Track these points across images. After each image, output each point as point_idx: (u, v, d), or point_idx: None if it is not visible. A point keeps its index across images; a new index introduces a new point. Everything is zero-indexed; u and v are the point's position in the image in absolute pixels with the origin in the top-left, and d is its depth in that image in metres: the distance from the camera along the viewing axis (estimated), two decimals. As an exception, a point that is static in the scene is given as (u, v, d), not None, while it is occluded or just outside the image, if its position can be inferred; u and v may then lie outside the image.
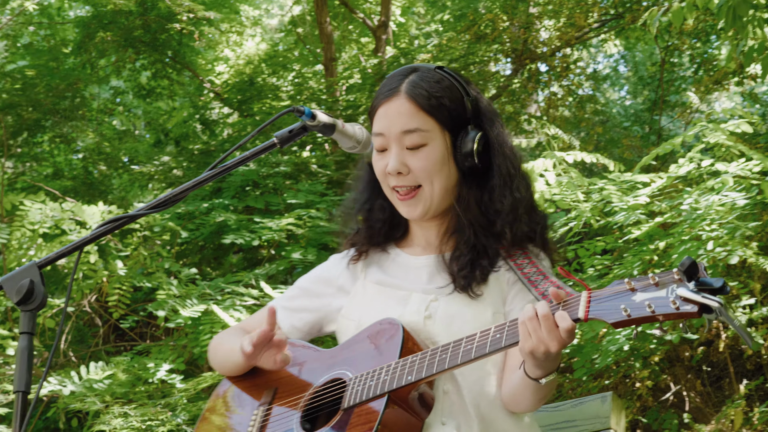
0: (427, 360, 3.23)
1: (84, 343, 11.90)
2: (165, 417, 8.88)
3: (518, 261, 3.48)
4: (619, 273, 7.49)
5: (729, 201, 7.11)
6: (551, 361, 3.08)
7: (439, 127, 3.50)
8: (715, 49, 15.46)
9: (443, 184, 3.51)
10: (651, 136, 15.78)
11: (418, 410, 3.31)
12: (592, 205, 7.53)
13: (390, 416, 3.23)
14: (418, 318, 3.47)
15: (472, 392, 3.40)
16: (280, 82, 15.33)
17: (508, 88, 15.79)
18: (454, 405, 3.40)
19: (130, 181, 15.68)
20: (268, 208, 11.22)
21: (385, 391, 3.25)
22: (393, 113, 3.51)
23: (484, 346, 3.12)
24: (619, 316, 2.78)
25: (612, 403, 4.07)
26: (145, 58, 15.48)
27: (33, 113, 14.44)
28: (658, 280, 2.73)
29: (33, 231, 9.64)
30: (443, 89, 3.54)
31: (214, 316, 8.69)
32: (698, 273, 2.64)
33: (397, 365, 3.28)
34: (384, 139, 3.52)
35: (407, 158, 3.49)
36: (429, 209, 3.53)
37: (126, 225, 3.10)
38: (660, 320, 2.73)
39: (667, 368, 8.81)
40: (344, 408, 3.35)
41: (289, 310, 3.85)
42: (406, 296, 3.56)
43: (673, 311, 2.67)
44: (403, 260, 3.67)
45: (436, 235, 3.63)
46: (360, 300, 3.68)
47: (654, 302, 2.71)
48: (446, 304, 3.47)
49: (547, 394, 3.29)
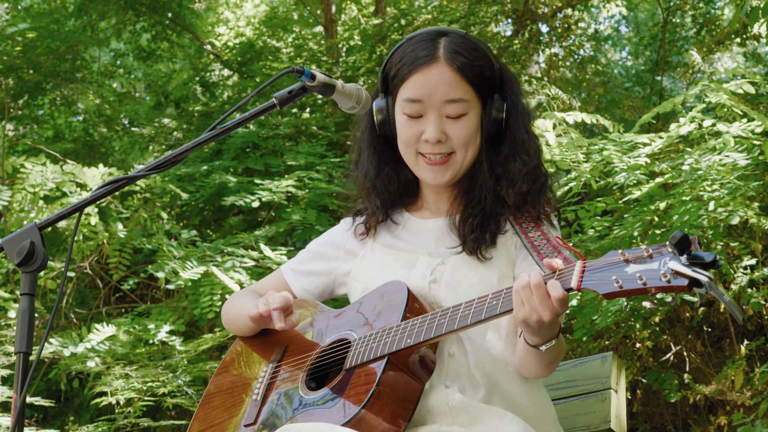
0: (427, 324, 3.25)
1: (85, 305, 11.93)
2: (166, 378, 8.91)
3: (523, 225, 3.50)
4: (619, 234, 7.49)
5: (730, 161, 7.10)
6: (547, 329, 3.09)
7: (477, 96, 3.53)
8: (718, 9, 15.39)
9: (474, 151, 3.55)
10: (653, 97, 15.73)
11: (419, 373, 3.32)
12: (592, 165, 7.51)
13: (389, 378, 3.24)
14: (423, 282, 3.50)
15: (478, 355, 3.42)
16: (279, 44, 15.29)
17: (509, 49, 15.74)
18: (459, 368, 3.42)
19: (130, 143, 15.67)
20: (268, 169, 11.21)
21: (385, 353, 3.27)
22: (435, 80, 3.51)
23: (480, 312, 3.13)
24: (611, 288, 2.79)
25: (612, 363, 4.08)
26: (145, 20, 15.42)
27: (34, 76, 14.40)
28: (651, 252, 2.73)
29: (34, 193, 9.64)
30: (481, 58, 3.57)
31: (215, 278, 8.70)
32: (690, 246, 2.64)
33: (398, 328, 3.30)
34: (421, 106, 3.52)
35: (447, 126, 3.50)
36: (456, 175, 3.56)
37: (126, 186, 3.10)
38: (651, 293, 2.73)
39: (668, 329, 8.83)
40: (346, 368, 3.38)
41: (300, 273, 3.91)
42: (413, 259, 3.59)
43: (663, 284, 2.67)
44: (413, 224, 3.70)
45: (447, 199, 3.65)
46: (368, 262, 3.72)
47: (645, 274, 2.71)
48: (453, 268, 3.48)
49: (556, 359, 3.31)
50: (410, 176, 3.73)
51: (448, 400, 3.33)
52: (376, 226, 3.76)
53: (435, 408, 3.35)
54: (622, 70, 21.19)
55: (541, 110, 8.24)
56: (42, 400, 9.30)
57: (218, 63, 16.25)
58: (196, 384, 9.37)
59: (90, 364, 8.95)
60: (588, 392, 4.08)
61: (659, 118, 11.89)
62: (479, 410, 3.34)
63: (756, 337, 8.55)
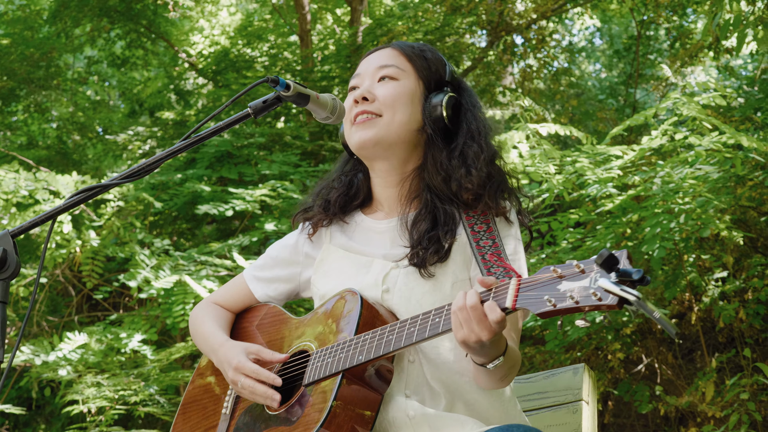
0: (377, 340, 3.24)
1: (57, 313, 11.89)
2: (138, 387, 8.89)
3: (475, 228, 3.47)
4: (592, 245, 7.52)
5: (701, 174, 7.14)
6: (490, 348, 3.04)
7: (415, 73, 3.62)
8: (691, 23, 15.48)
9: (403, 119, 3.54)
10: (626, 109, 15.80)
11: (376, 385, 3.32)
12: (564, 177, 7.53)
13: (345, 394, 3.24)
14: (376, 292, 3.48)
15: (433, 365, 3.39)
16: (255, 53, 15.29)
17: (484, 60, 15.78)
18: (419, 376, 3.40)
19: (104, 151, 15.63)
20: (242, 178, 11.20)
21: (339, 370, 3.26)
22: (374, 56, 3.68)
23: (424, 331, 3.11)
24: (544, 307, 2.75)
25: (584, 375, 4.08)
26: (120, 27, 15.40)
27: (7, 82, 14.37)
28: (583, 267, 2.71)
29: (6, 200, 9.61)
30: (427, 48, 3.71)
31: (187, 287, 8.69)
32: (618, 263, 2.62)
33: (351, 342, 3.29)
34: (359, 78, 3.65)
35: (375, 87, 3.58)
36: (381, 139, 3.54)
37: (99, 195, 3.09)
38: (584, 311, 2.72)
39: (639, 340, 8.86)
40: (305, 384, 3.37)
41: (263, 280, 3.87)
42: (368, 262, 3.57)
43: (595, 302, 2.64)
44: (367, 225, 3.69)
45: (397, 198, 3.63)
46: (326, 268, 3.70)
47: (577, 293, 2.68)
48: (405, 275, 3.46)
49: (509, 372, 3.26)
50: (363, 179, 3.76)
51: (407, 411, 3.33)
52: (327, 223, 3.76)
53: (396, 419, 3.33)
54: (596, 82, 21.27)
55: (515, 122, 8.25)
56: (13, 407, 9.27)
57: (193, 71, 16.24)
58: (168, 393, 9.35)
59: (61, 372, 8.93)
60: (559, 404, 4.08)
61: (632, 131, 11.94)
62: (440, 419, 3.32)
63: (727, 350, 8.59)
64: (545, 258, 8.53)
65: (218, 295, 3.99)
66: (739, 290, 8.09)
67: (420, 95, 3.59)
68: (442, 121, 3.54)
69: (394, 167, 3.61)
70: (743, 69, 13.88)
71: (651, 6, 14.72)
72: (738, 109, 10.29)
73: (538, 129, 8.16)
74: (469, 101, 3.65)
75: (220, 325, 3.81)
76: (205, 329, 3.79)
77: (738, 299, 8.08)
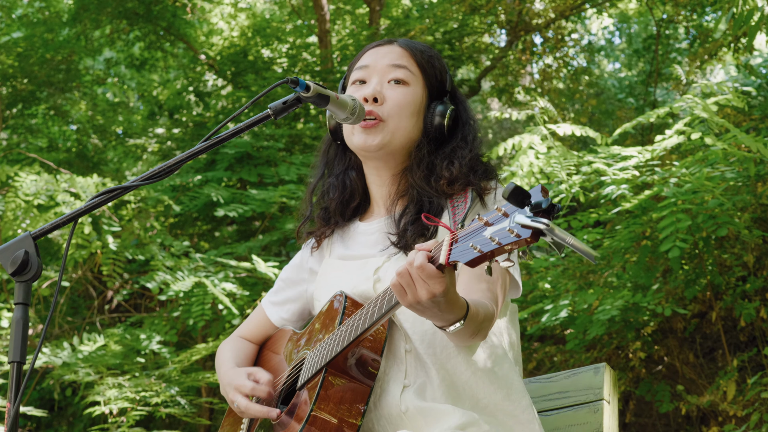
0: (349, 328, 3.25)
1: (78, 315, 11.93)
2: (159, 388, 8.91)
3: (455, 205, 3.49)
4: (611, 245, 7.51)
5: (717, 174, 7.13)
6: (445, 311, 3.00)
7: (423, 80, 3.62)
8: (708, 21, 15.42)
9: (407, 128, 3.56)
10: (645, 108, 15.75)
11: (360, 376, 3.32)
12: (580, 179, 7.53)
13: (330, 388, 3.26)
14: (368, 285, 3.50)
15: (424, 343, 3.39)
16: (273, 54, 15.31)
17: (502, 60, 15.77)
18: (416, 363, 3.41)
19: (124, 152, 15.67)
20: (262, 180, 11.22)
21: (321, 366, 3.29)
22: (384, 51, 3.65)
23: (382, 307, 3.11)
24: (471, 255, 2.72)
25: (605, 374, 4.07)
26: (139, 29, 15.44)
27: (28, 85, 14.42)
28: (504, 209, 2.71)
29: (27, 202, 9.65)
30: (435, 54, 3.70)
31: (207, 288, 8.73)
32: (528, 197, 2.61)
33: (333, 337, 3.32)
34: (367, 71, 3.62)
35: (386, 89, 3.56)
36: (385, 146, 3.55)
37: (120, 197, 3.11)
38: (507, 250, 2.71)
39: (660, 340, 8.84)
40: (298, 388, 3.43)
41: (276, 304, 3.97)
42: (363, 264, 3.59)
43: (513, 239, 2.60)
44: (361, 230, 3.72)
45: (389, 195, 3.66)
46: (325, 279, 3.72)
47: (497, 234, 2.67)
48: (395, 262, 3.47)
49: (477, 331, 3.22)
50: (356, 177, 3.77)
51: (401, 405, 3.34)
52: (329, 236, 3.78)
53: (390, 416, 3.34)
54: (615, 81, 21.21)
55: (534, 123, 8.24)
56: (35, 410, 9.30)
57: (212, 73, 16.26)
58: (190, 394, 9.38)
59: (81, 374, 8.97)
60: (580, 403, 4.07)
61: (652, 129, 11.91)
62: (432, 411, 3.32)
63: (748, 349, 8.57)
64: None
65: (242, 328, 4.08)
66: (760, 289, 8.07)
67: (424, 104, 3.60)
68: (441, 130, 3.57)
69: (389, 167, 3.64)
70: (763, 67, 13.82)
71: (670, 4, 14.69)
72: (757, 108, 10.26)
73: (555, 129, 8.15)
74: (465, 114, 3.68)
75: (235, 355, 3.90)
76: (221, 361, 3.89)
77: (759, 298, 8.06)
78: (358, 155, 3.69)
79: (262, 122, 3.17)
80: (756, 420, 7.24)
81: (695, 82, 13.62)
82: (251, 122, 3.17)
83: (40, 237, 3.00)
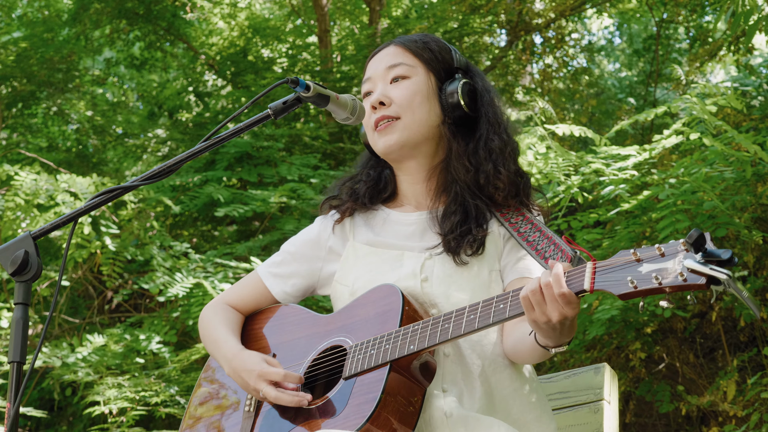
0: (430, 329, 3.22)
1: (78, 314, 11.92)
2: (159, 388, 8.91)
3: (512, 220, 3.49)
4: (611, 245, 7.50)
5: (716, 174, 7.12)
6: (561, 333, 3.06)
7: (424, 66, 3.63)
8: (710, 21, 15.41)
9: (423, 117, 3.56)
10: (645, 108, 15.75)
11: (421, 378, 3.30)
12: (579, 179, 7.52)
13: (392, 385, 3.22)
14: (415, 282, 3.46)
15: (474, 352, 3.40)
16: (273, 54, 15.31)
17: (503, 60, 15.76)
18: (456, 370, 3.39)
19: (123, 152, 15.66)
20: (262, 180, 11.22)
21: (387, 360, 3.24)
22: (380, 57, 3.68)
23: (488, 317, 3.11)
24: (625, 288, 2.76)
25: (605, 374, 4.07)
26: (139, 29, 15.43)
27: (27, 85, 14.41)
28: (664, 250, 2.72)
29: (27, 202, 9.64)
30: (431, 38, 3.72)
31: (206, 288, 8.73)
32: (705, 244, 2.64)
33: (398, 333, 3.27)
34: (371, 82, 3.65)
35: (389, 90, 3.58)
36: (406, 141, 3.56)
37: (119, 197, 3.10)
38: (667, 292, 2.72)
39: (660, 340, 8.84)
40: (345, 377, 3.34)
41: (280, 276, 3.82)
42: (399, 256, 3.56)
43: (680, 283, 2.65)
44: (394, 218, 3.68)
45: (425, 192, 3.64)
46: (352, 263, 3.67)
47: (661, 274, 2.69)
48: (442, 263, 3.46)
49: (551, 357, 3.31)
50: (387, 172, 3.76)
51: (445, 410, 3.32)
52: (352, 213, 3.75)
53: (433, 418, 3.31)
54: (615, 81, 21.20)
55: (532, 123, 8.23)
56: (34, 410, 9.30)
57: (212, 73, 16.26)
58: (189, 393, 9.37)
59: (81, 374, 8.96)
60: (581, 403, 4.07)
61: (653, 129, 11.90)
62: (476, 421, 3.31)
63: (748, 349, 8.57)
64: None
65: (230, 294, 3.93)
66: (760, 289, 8.06)
67: (434, 88, 3.60)
68: (461, 108, 3.56)
69: (421, 164, 3.63)
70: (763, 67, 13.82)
71: (670, 5, 14.68)
72: (757, 108, 10.25)
73: (554, 130, 8.14)
74: (482, 85, 3.67)
75: (232, 329, 3.77)
76: (218, 335, 3.75)
77: (759, 298, 8.05)
78: (388, 161, 3.69)
79: (262, 122, 3.18)
80: (756, 420, 7.24)
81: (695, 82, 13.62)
82: (251, 122, 3.17)
83: (40, 237, 3.00)
